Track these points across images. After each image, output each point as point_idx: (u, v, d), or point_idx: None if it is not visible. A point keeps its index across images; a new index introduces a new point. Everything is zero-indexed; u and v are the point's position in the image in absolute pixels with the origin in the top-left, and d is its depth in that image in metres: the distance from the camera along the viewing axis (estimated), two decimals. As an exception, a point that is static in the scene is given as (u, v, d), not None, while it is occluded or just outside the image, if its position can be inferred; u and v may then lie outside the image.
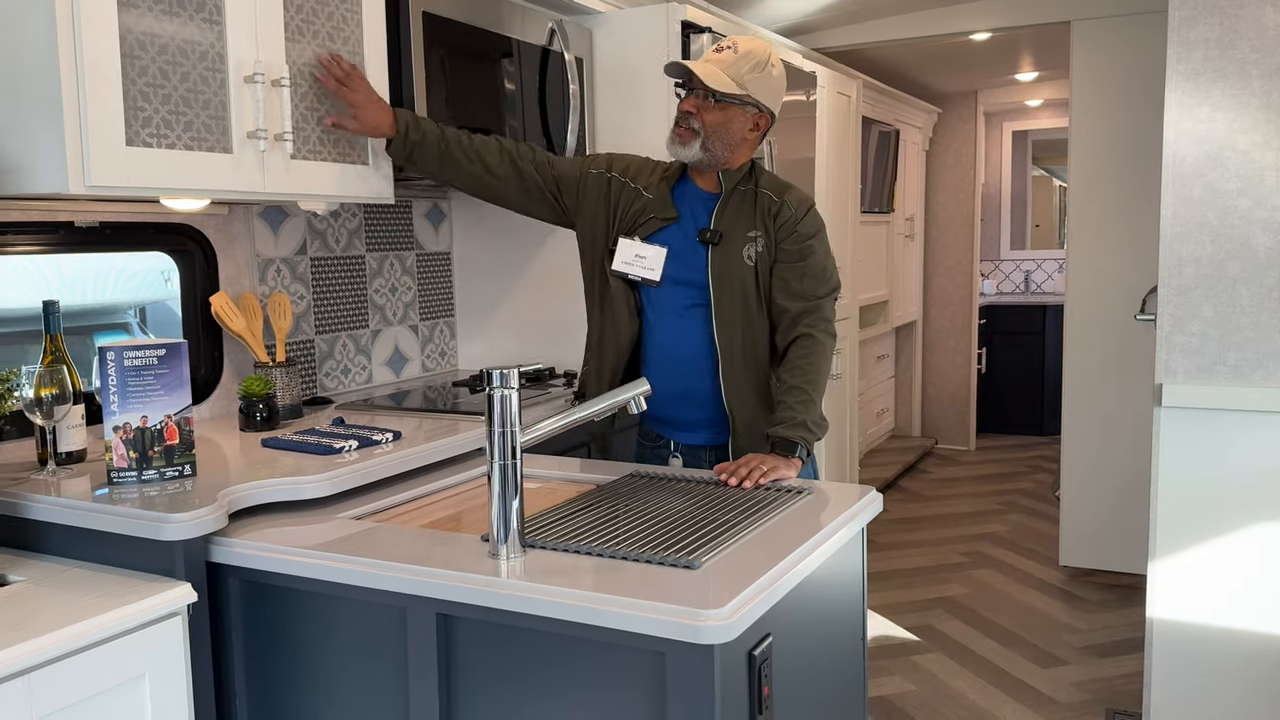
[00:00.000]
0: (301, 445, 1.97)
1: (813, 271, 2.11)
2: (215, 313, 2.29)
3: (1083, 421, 4.18)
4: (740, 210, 2.12)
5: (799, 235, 2.11)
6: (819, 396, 2.04)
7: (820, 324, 2.09)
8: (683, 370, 2.13)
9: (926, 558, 4.47)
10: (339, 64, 2.04)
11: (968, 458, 6.43)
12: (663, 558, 1.41)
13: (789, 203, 2.12)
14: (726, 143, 2.08)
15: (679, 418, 2.18)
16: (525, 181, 2.21)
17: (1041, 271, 7.52)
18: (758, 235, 2.10)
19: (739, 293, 2.10)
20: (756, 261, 2.10)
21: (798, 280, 2.10)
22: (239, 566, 1.58)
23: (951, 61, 5.47)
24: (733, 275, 2.09)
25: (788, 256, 2.11)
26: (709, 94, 2.06)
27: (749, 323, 2.12)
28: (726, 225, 2.11)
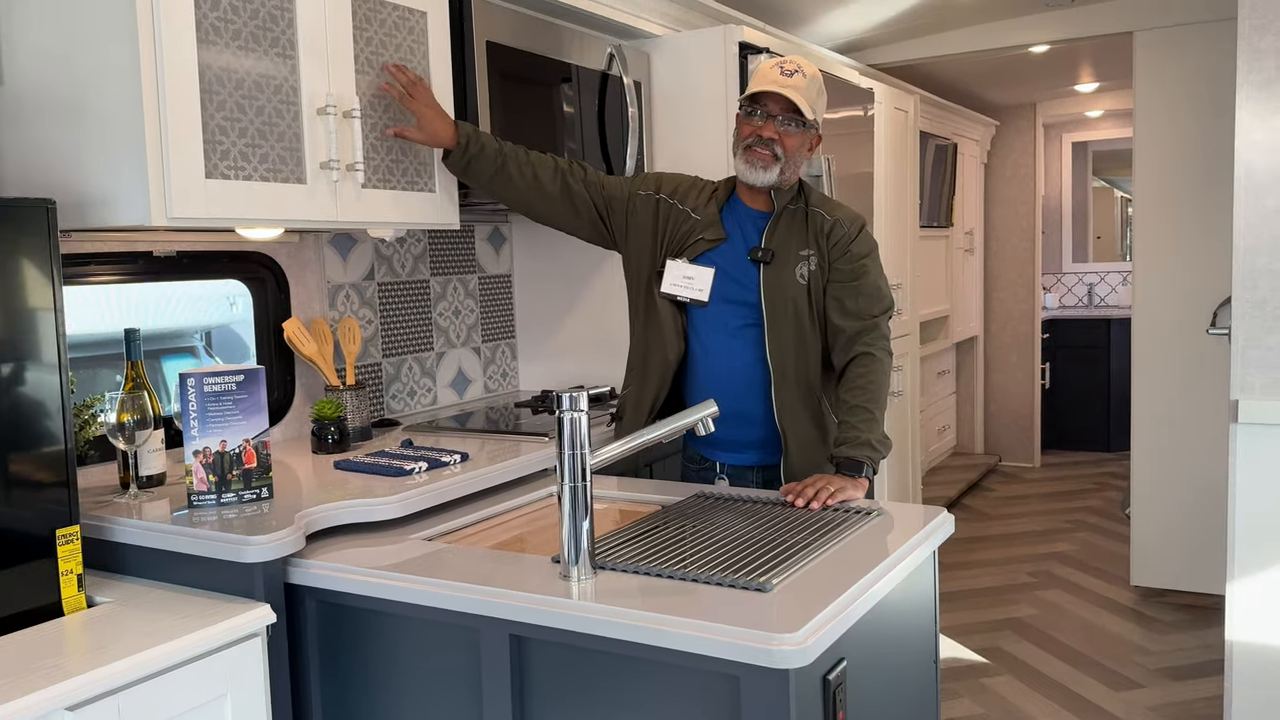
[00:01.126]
0: (373, 467, 2.00)
1: (868, 290, 2.11)
2: (288, 338, 2.35)
3: (1153, 437, 4.08)
4: (791, 229, 2.12)
5: (853, 254, 2.11)
6: (881, 415, 2.03)
7: (878, 342, 2.09)
8: (733, 390, 2.11)
9: (993, 578, 4.39)
10: (404, 73, 2.08)
11: (1033, 475, 6.31)
12: (734, 580, 1.41)
13: (842, 221, 2.13)
14: (797, 165, 2.12)
15: (727, 438, 2.14)
16: (575, 200, 2.23)
17: (1105, 284, 7.38)
18: (810, 254, 2.10)
19: (792, 312, 2.09)
20: (809, 280, 2.10)
21: (853, 299, 2.10)
22: (315, 587, 1.62)
23: (1009, 74, 5.41)
24: (785, 294, 2.09)
25: (842, 276, 2.11)
26: (791, 119, 2.07)
27: (802, 342, 2.11)
28: (778, 244, 2.11)
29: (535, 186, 2.20)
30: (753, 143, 2.07)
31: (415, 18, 2.17)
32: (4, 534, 1.48)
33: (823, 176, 3.25)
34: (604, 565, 1.50)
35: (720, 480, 2.20)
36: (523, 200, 2.23)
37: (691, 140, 2.94)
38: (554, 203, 2.23)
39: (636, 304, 2.26)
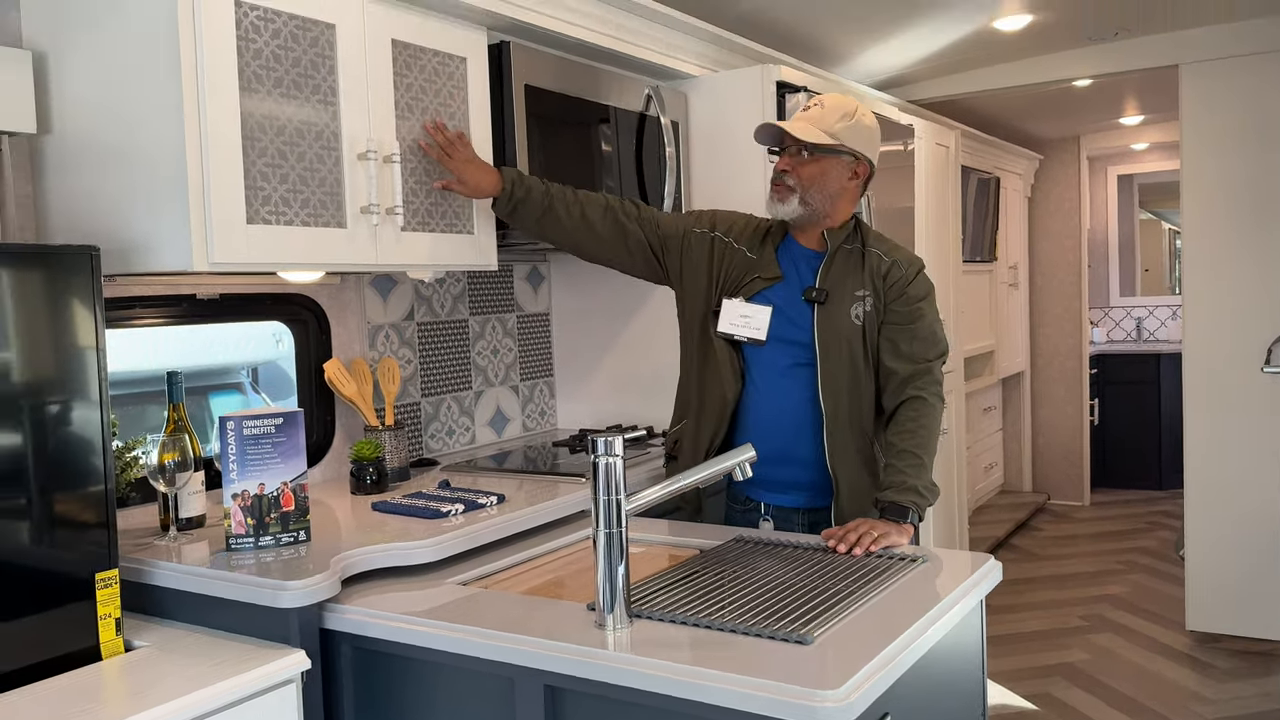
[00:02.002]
0: (410, 509, 2.00)
1: (923, 334, 2.07)
2: (328, 379, 2.36)
3: (1207, 477, 3.96)
4: (847, 268, 2.09)
5: (909, 297, 2.07)
6: (930, 460, 1.99)
7: (930, 386, 2.05)
8: (783, 431, 2.09)
9: (1043, 621, 4.27)
10: (441, 131, 2.10)
11: (1082, 514, 6.17)
12: (773, 631, 1.37)
13: (900, 263, 2.09)
14: (825, 194, 2.07)
15: (774, 479, 2.12)
16: (628, 239, 2.21)
17: (1154, 319, 7.24)
18: (866, 294, 2.07)
19: (845, 352, 2.06)
20: (864, 321, 2.07)
21: (908, 342, 2.06)
22: (350, 633, 1.61)
23: (1053, 107, 5.35)
24: (839, 335, 2.06)
25: (897, 318, 2.07)
26: (801, 148, 2.07)
27: (855, 383, 2.08)
28: (833, 283, 2.08)
29: (584, 226, 2.19)
30: (773, 178, 2.10)
31: (455, 63, 2.19)
32: (44, 576, 1.50)
33: (862, 213, 3.22)
34: (640, 613, 1.47)
35: (765, 522, 2.16)
36: (572, 240, 2.22)
37: (729, 180, 2.94)
38: (604, 242, 2.22)
39: (690, 342, 2.23)
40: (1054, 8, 3.45)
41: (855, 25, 3.47)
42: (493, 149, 2.29)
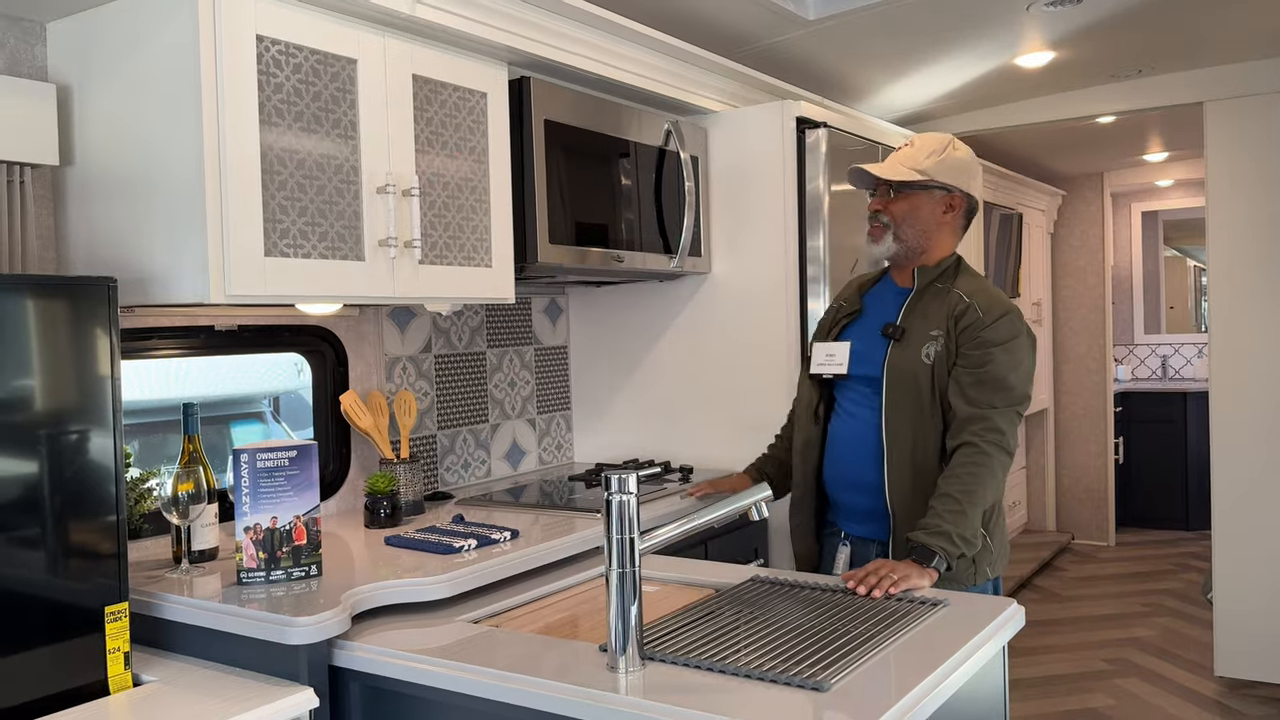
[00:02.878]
0: (423, 544, 1.98)
1: (990, 380, 2.00)
2: (344, 411, 2.35)
3: (1236, 519, 3.88)
4: (931, 308, 2.09)
5: (982, 340, 2.01)
6: (972, 509, 1.91)
7: (988, 435, 1.96)
8: (856, 459, 2.12)
9: (1067, 664, 4.19)
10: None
11: (1107, 554, 6.06)
12: (789, 677, 1.34)
13: (976, 305, 2.05)
14: (918, 229, 2.11)
15: (851, 506, 2.16)
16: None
17: (1179, 356, 7.15)
18: (940, 334, 2.05)
19: (912, 389, 2.05)
20: (934, 361, 2.04)
21: (973, 386, 2.00)
22: (360, 671, 1.58)
23: (1076, 144, 5.33)
24: (908, 372, 2.06)
25: (967, 361, 2.02)
26: (890, 187, 2.12)
27: (919, 420, 2.05)
28: (913, 321, 2.09)
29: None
30: (869, 218, 2.15)
31: (476, 98, 2.20)
32: (54, 608, 1.49)
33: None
34: (653, 656, 1.44)
35: (843, 548, 2.18)
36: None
37: (749, 214, 2.93)
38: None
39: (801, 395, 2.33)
40: (1077, 45, 3.44)
41: (876, 62, 3.47)
42: (512, 184, 2.29)
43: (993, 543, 2.07)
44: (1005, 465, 1.98)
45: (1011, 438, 2.00)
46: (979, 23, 3.12)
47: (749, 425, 2.94)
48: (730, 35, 3.01)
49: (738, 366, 2.96)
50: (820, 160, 2.90)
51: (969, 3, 2.92)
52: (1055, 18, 3.10)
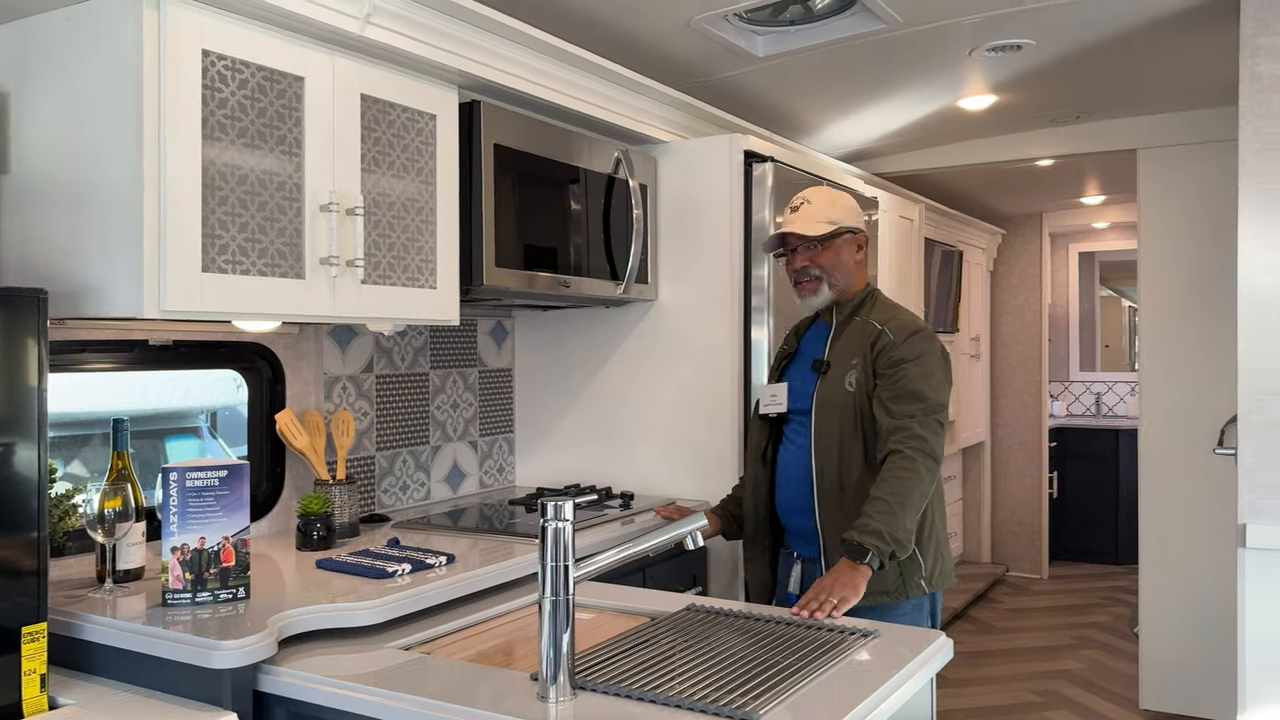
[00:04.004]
0: (355, 568, 1.95)
1: (905, 392, 2.13)
2: (280, 430, 2.32)
3: (1162, 555, 3.99)
4: (851, 340, 2.27)
5: (895, 359, 2.17)
6: (901, 511, 1.99)
7: (910, 441, 2.06)
8: (794, 485, 2.28)
9: (998, 696, 4.25)
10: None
11: (1040, 586, 6.17)
12: (719, 707, 1.35)
13: (888, 330, 2.22)
14: (843, 272, 2.30)
15: (795, 528, 2.31)
16: None
17: (1113, 394, 7.34)
18: (858, 362, 2.22)
19: (836, 417, 2.22)
20: (856, 388, 2.21)
21: (892, 400, 2.14)
22: (285, 697, 1.55)
23: (1016, 185, 5.47)
24: (833, 402, 2.23)
25: (885, 380, 2.18)
26: (811, 242, 2.28)
27: (842, 445, 2.20)
28: (837, 354, 2.27)
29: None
30: (794, 279, 2.32)
31: (424, 120, 2.20)
32: (-33, 630, 1.44)
33: (827, 282, 3.25)
34: (585, 685, 1.44)
35: (795, 564, 2.31)
36: None
37: (697, 244, 2.96)
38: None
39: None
40: (1017, 90, 3.55)
41: (823, 99, 3.53)
42: (459, 206, 2.29)
43: (924, 558, 2.16)
44: (931, 470, 2.07)
45: (935, 444, 2.09)
46: (923, 65, 3.20)
47: (692, 453, 2.95)
48: (681, 67, 3.05)
49: (682, 394, 2.98)
50: (766, 193, 2.95)
51: (914, 46, 2.99)
52: (997, 63, 3.19)
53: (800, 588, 2.26)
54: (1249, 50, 2.50)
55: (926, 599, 2.19)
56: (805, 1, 2.77)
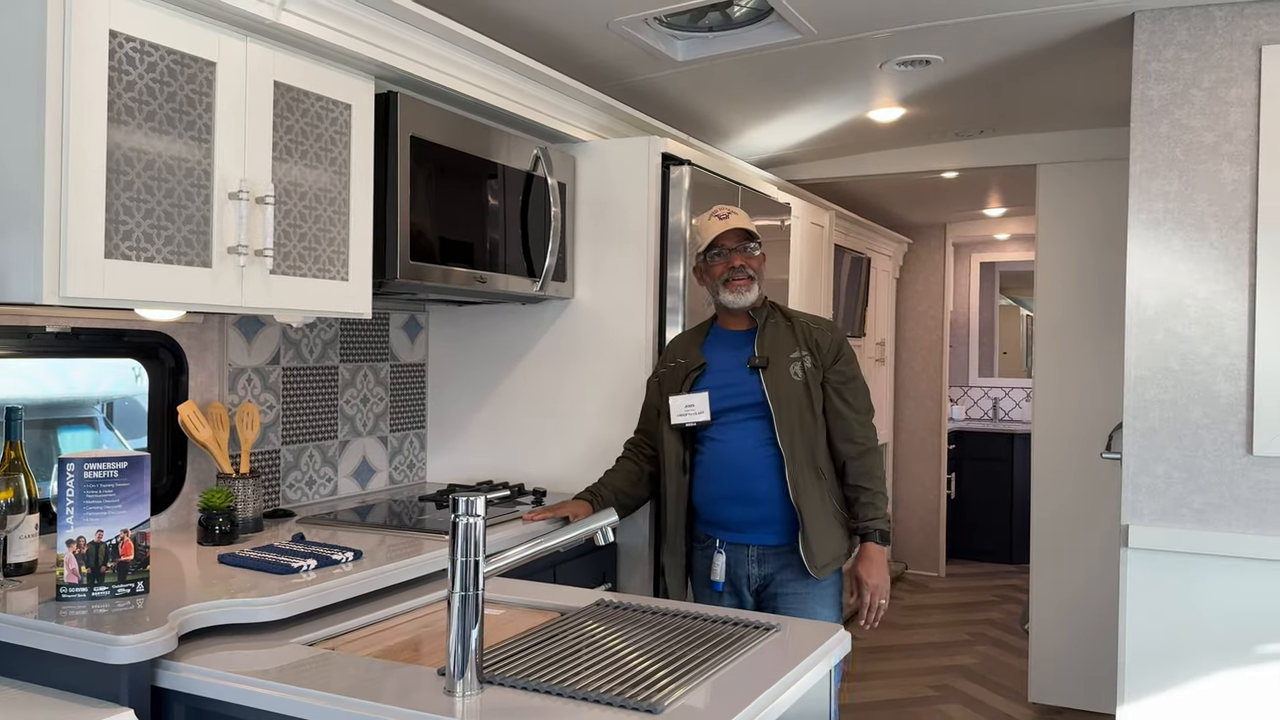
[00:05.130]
0: (259, 563, 1.92)
1: (861, 389, 2.50)
2: (182, 422, 2.27)
3: (1051, 555, 4.17)
4: (777, 337, 2.49)
5: (845, 358, 2.50)
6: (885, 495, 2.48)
7: (873, 437, 2.50)
8: (744, 475, 2.43)
9: (895, 690, 4.38)
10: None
11: (937, 584, 6.38)
12: (623, 699, 1.37)
13: (824, 328, 2.53)
14: (763, 278, 2.55)
15: (732, 519, 2.45)
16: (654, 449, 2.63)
17: (1009, 399, 7.62)
18: (802, 355, 2.46)
19: (795, 404, 2.42)
20: (805, 376, 2.44)
21: (852, 395, 2.49)
22: (185, 693, 1.53)
23: (922, 195, 5.64)
24: (785, 391, 2.42)
25: (839, 377, 2.48)
26: (749, 246, 2.49)
27: (805, 429, 2.42)
28: (770, 350, 2.46)
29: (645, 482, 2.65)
30: (730, 275, 2.48)
31: (339, 109, 2.17)
32: None
33: (739, 285, 3.31)
34: (492, 679, 1.45)
35: (719, 555, 2.46)
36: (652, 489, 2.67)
37: (614, 243, 2.98)
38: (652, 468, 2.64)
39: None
40: (924, 104, 3.66)
41: (741, 105, 3.59)
42: (374, 198, 2.27)
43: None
44: (880, 461, 2.52)
45: (875, 443, 2.51)
46: (836, 77, 3.29)
47: (606, 451, 2.97)
48: (602, 68, 3.07)
49: (597, 392, 3.00)
50: (683, 196, 2.99)
51: (827, 58, 3.07)
52: (906, 77, 3.30)
53: (724, 575, 2.45)
54: (1141, 74, 2.64)
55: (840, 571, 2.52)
56: (724, 9, 2.82)
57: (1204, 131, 2.57)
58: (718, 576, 2.46)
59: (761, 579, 2.45)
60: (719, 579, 2.46)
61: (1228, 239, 2.55)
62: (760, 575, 2.45)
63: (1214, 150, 2.56)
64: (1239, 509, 2.52)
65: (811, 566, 2.37)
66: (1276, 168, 2.49)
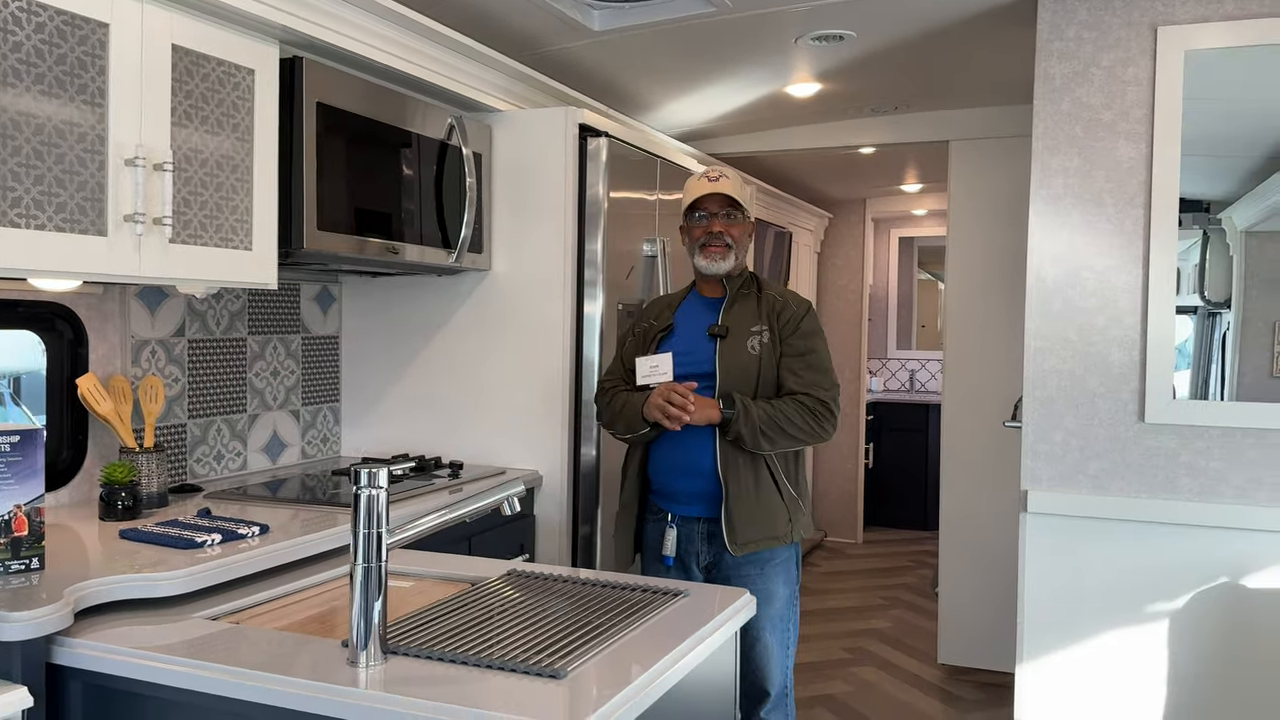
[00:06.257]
0: (162, 538, 1.89)
1: (817, 365, 2.42)
2: (82, 395, 2.20)
3: (959, 521, 4.30)
4: (745, 310, 2.46)
5: (803, 332, 2.43)
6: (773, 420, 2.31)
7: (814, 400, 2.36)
8: (686, 447, 2.39)
9: (812, 653, 4.49)
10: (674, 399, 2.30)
11: (855, 551, 6.53)
12: (528, 666, 1.39)
13: (790, 303, 2.47)
14: (743, 249, 2.51)
15: (681, 490, 2.43)
16: None
17: (926, 371, 7.80)
18: (762, 329, 2.42)
19: (744, 378, 2.39)
20: (761, 351, 2.40)
21: (805, 370, 2.41)
22: (81, 669, 1.50)
23: (842, 171, 5.72)
24: (739, 363, 2.40)
25: (794, 350, 2.41)
26: (733, 212, 2.46)
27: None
28: (733, 321, 2.44)
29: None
30: (706, 240, 2.46)
31: (242, 74, 2.12)
32: None
33: (658, 257, 3.33)
34: (396, 650, 1.45)
35: (670, 530, 2.43)
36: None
37: (531, 215, 2.97)
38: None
39: None
40: (840, 80, 3.71)
41: (659, 77, 3.59)
42: (279, 166, 2.22)
43: (804, 510, 2.47)
44: (814, 431, 2.36)
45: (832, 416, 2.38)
46: (752, 50, 3.31)
47: (524, 424, 2.98)
48: (518, 37, 3.04)
49: (515, 364, 2.99)
50: (601, 167, 2.99)
51: (743, 31, 3.08)
52: (821, 52, 3.33)
53: (675, 550, 2.44)
54: (1044, 53, 2.71)
55: (798, 545, 2.47)
56: (639, -21, 2.81)
57: (1103, 109, 2.66)
58: (668, 551, 2.43)
59: (711, 556, 2.42)
60: (669, 553, 2.42)
61: (1123, 214, 2.64)
62: (710, 553, 2.41)
63: (1111, 128, 2.65)
64: (1131, 474, 2.63)
65: (731, 543, 2.33)
66: (1170, 145, 2.59)
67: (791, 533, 2.41)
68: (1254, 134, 2.71)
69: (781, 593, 2.43)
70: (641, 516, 2.53)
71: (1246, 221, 2.67)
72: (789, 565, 2.45)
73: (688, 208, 2.50)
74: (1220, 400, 2.64)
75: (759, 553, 2.38)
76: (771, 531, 2.38)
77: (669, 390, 2.32)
